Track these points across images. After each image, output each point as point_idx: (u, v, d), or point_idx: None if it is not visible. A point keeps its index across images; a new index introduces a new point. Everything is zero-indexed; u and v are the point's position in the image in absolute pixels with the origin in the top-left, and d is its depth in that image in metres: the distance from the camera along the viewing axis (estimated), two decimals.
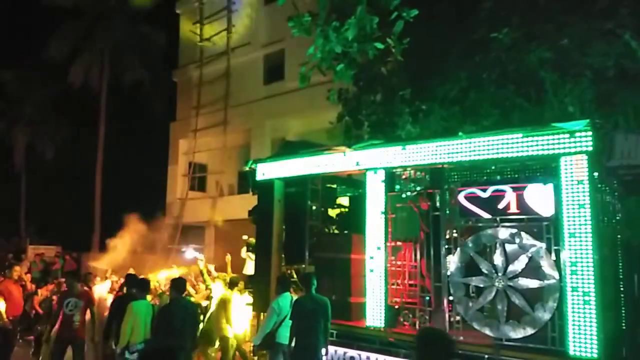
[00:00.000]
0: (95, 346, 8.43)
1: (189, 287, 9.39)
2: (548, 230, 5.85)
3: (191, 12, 21.72)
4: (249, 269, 10.64)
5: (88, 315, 8.00)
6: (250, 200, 9.13)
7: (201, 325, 8.40)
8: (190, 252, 19.30)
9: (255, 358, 8.14)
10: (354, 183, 8.72)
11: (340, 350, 7.21)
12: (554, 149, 5.80)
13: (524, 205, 6.02)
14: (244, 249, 11.96)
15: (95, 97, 24.42)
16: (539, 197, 5.95)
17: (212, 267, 10.03)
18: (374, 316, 6.95)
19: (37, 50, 24.20)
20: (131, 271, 9.42)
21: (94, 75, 24.19)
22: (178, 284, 6.93)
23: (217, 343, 8.57)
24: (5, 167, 27.06)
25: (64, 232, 22.05)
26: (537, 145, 5.88)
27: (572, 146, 5.68)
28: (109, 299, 9.45)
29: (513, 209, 6.09)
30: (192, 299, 9.05)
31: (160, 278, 10.74)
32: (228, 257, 10.56)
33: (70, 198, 24.91)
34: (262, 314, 8.06)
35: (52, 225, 23.87)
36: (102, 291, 9.88)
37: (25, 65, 25.98)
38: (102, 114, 24.38)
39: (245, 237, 12.04)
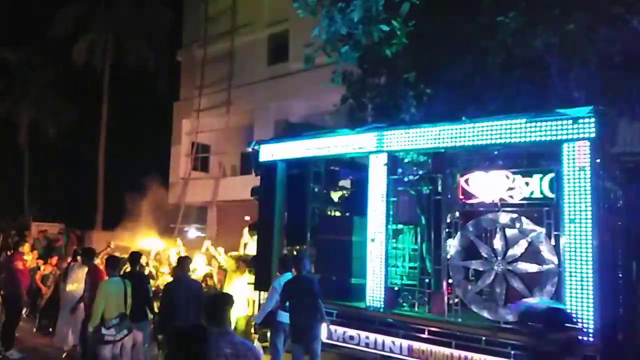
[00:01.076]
0: None
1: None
2: (548, 215, 5.89)
3: None
4: (250, 249, 10.72)
5: None
6: (252, 182, 9.18)
7: None
8: (192, 232, 19.50)
9: (257, 336, 8.26)
10: (356, 166, 8.75)
11: (340, 330, 7.31)
12: (557, 134, 5.81)
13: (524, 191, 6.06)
14: (246, 229, 12.04)
15: (98, 76, 24.36)
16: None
17: (221, 250, 10.17)
18: (374, 297, 7.03)
19: (41, 30, 24.07)
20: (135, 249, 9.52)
21: (97, 54, 24.10)
22: (182, 263, 7.08)
23: None
24: (9, 146, 27.12)
25: (68, 210, 22.20)
26: (540, 130, 5.89)
27: (575, 132, 5.69)
28: None
29: (514, 193, 6.13)
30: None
31: (170, 254, 10.87)
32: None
33: (73, 177, 25.03)
34: (263, 293, 8.17)
35: (56, 203, 24.01)
36: None
37: (29, 45, 25.90)
38: (105, 93, 24.34)
39: (247, 217, 12.13)
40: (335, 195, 9.15)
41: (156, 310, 7.40)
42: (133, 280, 7.09)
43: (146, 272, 9.44)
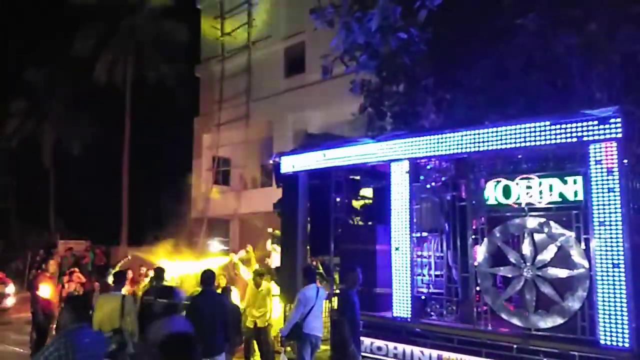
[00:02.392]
0: None
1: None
2: (577, 218, 5.77)
3: (212, 7, 21.89)
4: (275, 261, 10.73)
5: None
6: (273, 194, 9.21)
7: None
8: (215, 245, 19.62)
9: (283, 349, 8.23)
10: (377, 174, 8.70)
11: (367, 341, 7.24)
12: (582, 136, 5.70)
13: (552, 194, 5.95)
14: (269, 241, 12.06)
15: (120, 93, 24.81)
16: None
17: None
18: (401, 307, 6.96)
19: (63, 49, 24.62)
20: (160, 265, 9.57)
21: (118, 71, 24.58)
22: (206, 277, 6.87)
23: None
24: (34, 165, 27.70)
25: (93, 226, 22.54)
26: (565, 132, 5.78)
27: (601, 133, 5.58)
28: None
29: (541, 197, 6.02)
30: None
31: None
32: (249, 248, 10.65)
33: (98, 193, 25.41)
34: (288, 305, 8.15)
35: (81, 220, 24.40)
36: None
37: (51, 64, 26.50)
38: (127, 109, 24.77)
39: (270, 229, 12.14)
40: (357, 205, 9.11)
41: None
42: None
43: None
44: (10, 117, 27.07)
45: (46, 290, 9.23)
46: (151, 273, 9.23)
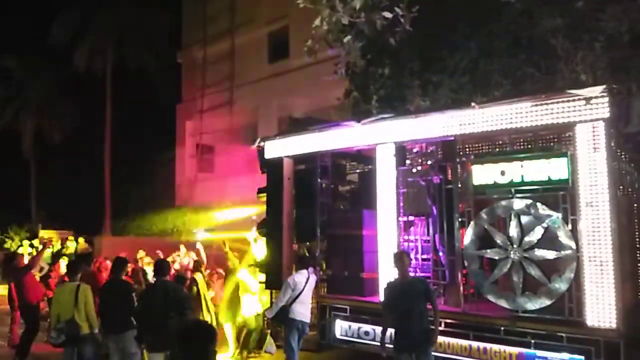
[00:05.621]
0: None
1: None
2: (564, 200, 5.74)
3: None
4: (260, 247, 10.62)
5: None
6: (258, 181, 9.06)
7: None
8: (201, 234, 19.44)
9: (269, 331, 8.17)
10: (363, 159, 8.63)
11: (355, 326, 7.21)
12: (569, 116, 5.65)
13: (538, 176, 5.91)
14: (254, 228, 11.94)
15: (100, 81, 24.32)
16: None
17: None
18: None
19: (41, 36, 24.05)
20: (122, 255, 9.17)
21: (97, 58, 24.06)
22: (161, 267, 6.50)
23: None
24: (14, 154, 27.16)
25: (75, 216, 22.19)
26: (551, 113, 5.73)
27: (588, 113, 5.53)
28: None
29: (527, 179, 5.98)
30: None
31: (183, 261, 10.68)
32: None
33: (79, 182, 25.02)
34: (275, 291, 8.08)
35: (63, 210, 24.02)
36: None
37: (30, 51, 25.91)
38: (108, 97, 24.30)
39: (254, 217, 12.02)
40: (343, 190, 9.03)
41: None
42: (116, 289, 6.68)
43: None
44: None
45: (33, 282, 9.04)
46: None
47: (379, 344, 6.74)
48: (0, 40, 26.49)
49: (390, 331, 5.77)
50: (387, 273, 6.93)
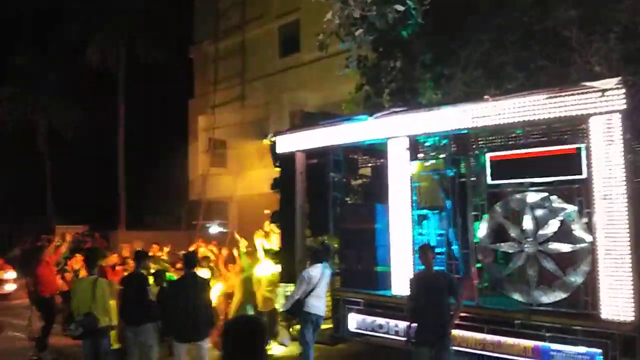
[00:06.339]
0: None
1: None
2: (579, 192, 5.70)
3: None
4: (274, 241, 10.67)
5: None
6: (271, 174, 9.10)
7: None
8: (214, 228, 19.59)
9: (283, 324, 8.24)
10: (375, 153, 8.62)
11: (369, 319, 7.25)
12: (583, 109, 5.60)
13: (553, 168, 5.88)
14: (267, 222, 12.00)
15: (113, 77, 24.49)
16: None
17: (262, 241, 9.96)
18: (401, 285, 6.93)
19: (54, 32, 24.22)
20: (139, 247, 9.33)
21: (110, 54, 24.20)
22: (188, 259, 6.64)
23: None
24: (29, 151, 27.46)
25: (90, 211, 22.45)
26: (566, 106, 5.69)
27: (603, 105, 5.48)
28: None
29: (542, 172, 5.95)
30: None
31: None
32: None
33: (94, 178, 25.27)
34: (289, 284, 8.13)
35: (78, 205, 24.29)
36: None
37: (42, 47, 26.10)
38: (121, 93, 24.47)
39: (267, 211, 12.05)
40: (355, 183, 9.03)
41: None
42: (134, 281, 6.87)
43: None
44: (2, 102, 26.73)
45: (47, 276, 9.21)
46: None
47: (393, 337, 6.80)
48: (12, 38, 26.78)
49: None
50: (399, 267, 6.95)
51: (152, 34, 23.82)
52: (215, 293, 8.56)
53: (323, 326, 7.30)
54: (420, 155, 7.29)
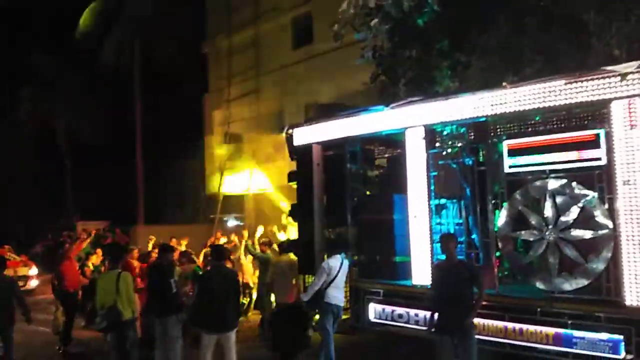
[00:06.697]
0: None
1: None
2: (600, 178, 5.64)
3: None
4: (291, 234, 10.73)
5: None
6: (287, 168, 9.14)
7: None
8: (231, 221, 19.74)
9: None
10: (392, 143, 8.59)
11: (388, 309, 7.27)
12: (604, 93, 5.52)
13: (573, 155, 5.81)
14: (284, 215, 12.06)
15: (128, 74, 24.67)
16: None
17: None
18: (420, 274, 6.93)
19: (69, 32, 24.44)
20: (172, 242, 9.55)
21: (125, 52, 24.36)
22: (218, 252, 6.86)
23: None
24: (49, 148, 27.89)
25: (110, 208, 22.75)
26: (586, 91, 5.61)
27: (623, 90, 5.40)
28: None
29: (560, 158, 5.89)
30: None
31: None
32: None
33: (113, 175, 25.56)
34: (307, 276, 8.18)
35: (98, 202, 24.63)
36: None
37: (58, 47, 26.39)
38: (137, 89, 24.65)
39: (284, 204, 12.13)
40: (373, 174, 9.02)
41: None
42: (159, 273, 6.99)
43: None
44: (22, 102, 27.15)
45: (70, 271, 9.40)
46: None
47: (413, 326, 6.81)
48: (29, 38, 27.11)
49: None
50: (419, 257, 6.95)
51: (165, 30, 23.91)
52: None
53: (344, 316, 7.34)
54: (438, 145, 7.25)
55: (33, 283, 15.94)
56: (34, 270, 16.18)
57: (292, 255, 8.73)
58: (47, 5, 26.64)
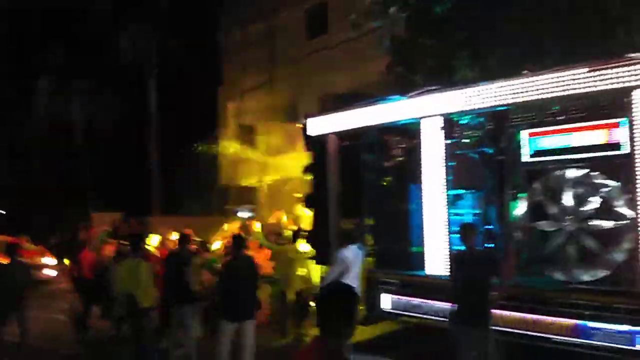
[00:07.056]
0: None
1: None
2: (622, 168, 5.54)
3: None
4: (305, 224, 10.74)
5: None
6: (301, 159, 9.12)
7: None
8: (244, 212, 19.81)
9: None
10: (409, 132, 8.52)
11: (403, 299, 7.24)
12: (627, 81, 5.42)
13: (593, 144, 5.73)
14: (298, 205, 12.07)
15: (144, 66, 24.82)
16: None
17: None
18: (435, 265, 6.89)
19: (84, 25, 24.61)
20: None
21: (140, 44, 24.50)
22: (238, 241, 6.89)
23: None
24: (65, 141, 28.16)
25: (126, 198, 22.93)
26: (608, 78, 5.51)
27: None
28: None
29: (581, 148, 5.80)
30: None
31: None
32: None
33: (129, 166, 25.76)
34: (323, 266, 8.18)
35: (115, 193, 24.84)
36: None
37: (73, 40, 26.57)
38: (152, 81, 24.80)
39: (298, 195, 12.12)
40: (389, 164, 8.95)
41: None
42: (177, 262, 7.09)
43: None
44: (39, 96, 27.44)
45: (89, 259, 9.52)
46: None
47: (428, 316, 6.79)
48: (46, 32, 27.31)
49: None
50: (433, 247, 6.91)
51: (179, 22, 23.98)
52: None
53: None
54: (456, 134, 7.18)
55: (50, 272, 16.15)
56: (51, 260, 16.39)
57: (297, 245, 8.77)
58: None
